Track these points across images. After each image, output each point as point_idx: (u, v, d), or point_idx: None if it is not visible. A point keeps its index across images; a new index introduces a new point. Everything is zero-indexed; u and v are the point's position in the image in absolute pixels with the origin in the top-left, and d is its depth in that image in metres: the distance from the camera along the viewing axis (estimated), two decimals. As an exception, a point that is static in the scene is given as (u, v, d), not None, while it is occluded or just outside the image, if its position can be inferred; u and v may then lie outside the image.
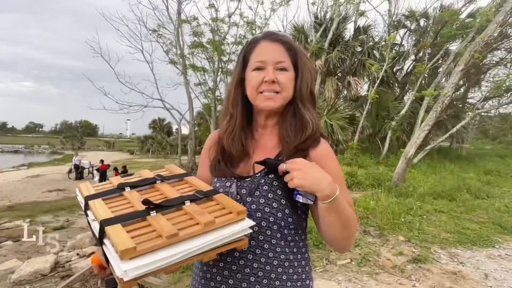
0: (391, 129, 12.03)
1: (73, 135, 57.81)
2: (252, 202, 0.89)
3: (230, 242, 0.76)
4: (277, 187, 0.89)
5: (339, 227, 0.84)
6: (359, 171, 8.26)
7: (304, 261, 0.95)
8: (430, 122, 7.52)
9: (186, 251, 0.68)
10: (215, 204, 0.82)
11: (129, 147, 47.08)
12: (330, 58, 13.32)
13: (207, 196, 0.84)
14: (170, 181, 0.94)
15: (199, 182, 0.93)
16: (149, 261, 0.64)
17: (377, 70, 11.48)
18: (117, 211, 0.78)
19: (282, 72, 0.93)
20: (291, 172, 0.77)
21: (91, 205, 0.81)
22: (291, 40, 0.98)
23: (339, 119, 11.88)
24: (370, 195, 6.17)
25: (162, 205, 0.77)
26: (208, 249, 0.72)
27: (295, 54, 0.96)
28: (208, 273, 0.94)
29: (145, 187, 0.91)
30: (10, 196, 11.03)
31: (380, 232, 4.41)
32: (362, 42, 13.92)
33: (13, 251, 5.43)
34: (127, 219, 0.74)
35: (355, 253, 3.70)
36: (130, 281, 0.64)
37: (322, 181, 0.76)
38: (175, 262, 0.68)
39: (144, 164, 23.86)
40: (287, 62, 0.94)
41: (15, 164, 25.97)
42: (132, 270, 0.63)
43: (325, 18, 14.03)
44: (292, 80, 0.95)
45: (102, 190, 0.89)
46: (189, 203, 0.80)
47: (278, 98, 0.94)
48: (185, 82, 15.22)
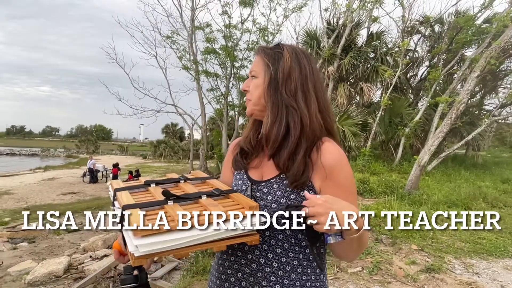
0: (404, 136, 11.87)
1: (88, 139, 58.79)
2: (265, 207, 0.90)
3: (241, 235, 0.79)
4: (291, 192, 0.90)
5: (355, 250, 0.89)
6: (371, 178, 8.17)
7: (319, 269, 0.94)
8: (445, 129, 7.40)
9: (195, 237, 0.73)
10: (230, 201, 0.87)
11: (142, 152, 47.66)
12: (343, 64, 13.28)
13: (224, 194, 0.89)
14: (193, 181, 1.01)
15: (220, 184, 0.99)
16: (160, 240, 0.70)
17: (390, 76, 11.38)
18: (139, 200, 0.86)
19: (252, 80, 0.99)
20: (317, 217, 0.74)
21: (118, 195, 0.90)
22: (264, 49, 0.99)
23: (351, 125, 11.80)
24: (383, 202, 6.09)
25: (180, 197, 0.84)
26: (218, 239, 0.76)
27: (262, 60, 0.97)
28: (223, 274, 0.97)
29: (169, 184, 0.99)
30: (27, 198, 11.28)
31: (393, 240, 4.35)
32: (375, 48, 13.83)
33: (28, 252, 5.55)
34: (146, 206, 0.81)
35: (366, 261, 3.66)
36: (141, 257, 0.70)
37: (351, 218, 0.75)
38: (184, 246, 0.72)
39: (156, 168, 24.11)
40: (257, 69, 0.97)
41: (32, 167, 26.55)
42: (142, 246, 0.68)
43: (338, 24, 14.01)
44: (260, 85, 0.96)
45: (130, 185, 1.00)
46: (205, 198, 0.86)
47: (250, 105, 0.99)
48: (197, 87, 15.38)
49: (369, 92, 13.23)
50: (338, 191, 0.89)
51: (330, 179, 0.89)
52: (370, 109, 14.12)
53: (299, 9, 15.42)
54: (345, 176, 0.91)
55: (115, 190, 0.94)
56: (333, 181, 0.89)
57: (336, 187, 0.89)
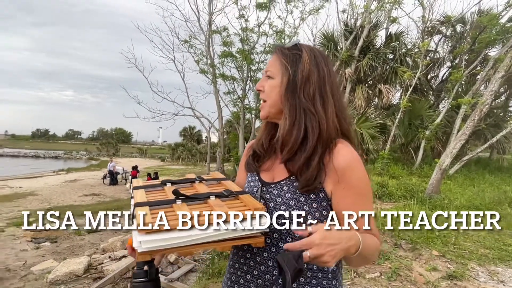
0: (424, 139, 11.58)
1: (109, 142, 60.26)
2: (274, 209, 0.89)
3: (245, 236, 0.80)
4: (300, 195, 0.88)
5: (361, 263, 0.90)
6: (390, 181, 8.00)
7: (331, 274, 0.91)
8: (467, 131, 7.17)
9: (200, 235, 0.74)
10: (238, 202, 0.87)
11: (160, 154, 48.40)
12: (361, 66, 13.11)
13: (234, 195, 0.90)
14: (208, 182, 1.03)
15: (232, 185, 0.99)
16: (164, 237, 0.72)
17: (409, 77, 11.14)
18: (152, 198, 0.89)
19: (268, 80, 0.96)
20: (320, 258, 0.72)
21: (134, 193, 0.94)
22: (281, 48, 0.97)
23: (369, 127, 11.61)
24: (402, 206, 5.95)
25: (190, 197, 0.86)
26: (221, 239, 0.77)
27: (280, 61, 0.95)
28: (233, 276, 0.97)
29: (184, 184, 1.02)
30: (50, 199, 11.64)
31: (413, 245, 4.24)
32: (394, 49, 13.59)
33: (51, 252, 5.70)
34: (156, 204, 0.84)
35: (384, 267, 3.57)
36: (144, 253, 0.73)
37: (349, 246, 0.75)
38: (187, 245, 0.74)
39: (174, 170, 24.42)
40: (273, 70, 0.95)
41: (55, 169, 27.44)
42: (146, 242, 0.71)
43: (355, 25, 13.86)
44: (276, 87, 0.94)
45: (148, 184, 1.03)
46: (214, 198, 0.87)
47: (265, 107, 0.97)
48: (214, 91, 15.50)
49: (388, 94, 12.99)
50: (350, 193, 0.87)
51: (343, 181, 0.87)
52: (389, 111, 13.86)
53: (316, 11, 15.34)
54: (358, 178, 0.88)
55: (133, 188, 0.99)
56: (345, 183, 0.87)
57: (348, 189, 0.87)
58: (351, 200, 0.87)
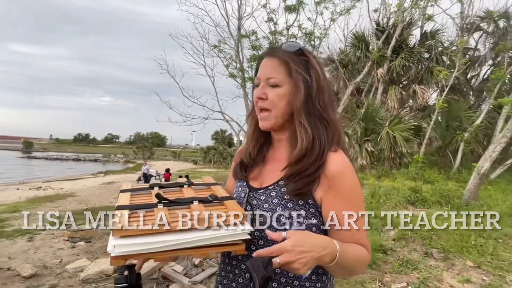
0: (463, 141, 10.96)
1: (144, 145, 62.42)
2: (260, 215, 0.87)
3: (225, 243, 0.77)
4: (288, 201, 0.86)
5: (342, 274, 0.86)
6: (424, 186, 7.63)
7: (319, 283, 0.88)
8: (508, 133, 6.70)
9: (175, 241, 0.72)
10: (222, 208, 0.85)
11: (193, 157, 49.47)
12: (393, 66, 12.68)
13: (219, 201, 0.88)
14: (197, 187, 1.02)
15: (220, 190, 0.98)
16: (138, 242, 0.70)
17: (445, 77, 10.62)
18: (135, 202, 0.88)
19: (272, 88, 0.90)
20: (290, 265, 0.70)
21: (119, 196, 0.94)
22: (288, 53, 0.92)
23: (403, 130, 11.16)
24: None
25: (172, 201, 0.84)
26: (199, 245, 0.74)
27: (288, 67, 0.90)
28: (220, 285, 0.96)
29: (173, 188, 1.00)
30: (87, 201, 12.22)
31: (445, 255, 4.00)
32: (430, 48, 13.03)
33: (84, 251, 5.95)
34: (137, 207, 0.83)
35: (412, 277, 3.40)
36: (117, 257, 0.70)
37: (322, 255, 0.73)
38: (162, 250, 0.72)
39: (205, 173, 24.83)
40: (279, 77, 0.90)
41: (94, 171, 28.86)
42: (119, 246, 0.69)
43: (388, 24, 13.44)
44: (284, 96, 0.90)
45: (136, 187, 1.04)
46: (197, 203, 0.85)
47: (270, 117, 0.91)
48: (244, 94, 15.60)
49: (423, 94, 12.45)
50: (340, 202, 0.84)
51: (333, 188, 0.84)
52: (425, 112, 13.27)
53: (347, 11, 15.06)
54: (348, 186, 0.85)
55: (121, 191, 0.98)
56: (336, 191, 0.84)
57: (338, 197, 0.84)
58: (341, 207, 0.84)
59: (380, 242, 4.03)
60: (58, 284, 4.22)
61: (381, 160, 11.17)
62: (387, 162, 10.82)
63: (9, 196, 13.77)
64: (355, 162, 10.53)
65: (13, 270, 4.49)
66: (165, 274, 4.38)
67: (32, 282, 4.20)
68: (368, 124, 10.88)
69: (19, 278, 4.27)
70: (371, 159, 10.70)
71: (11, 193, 14.93)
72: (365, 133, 10.80)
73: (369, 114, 10.84)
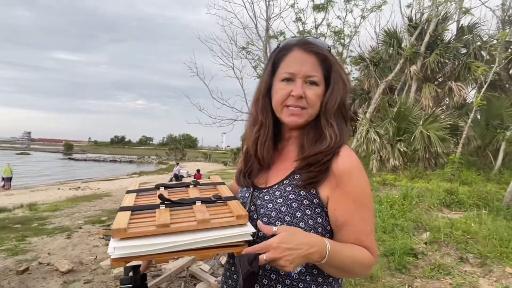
0: (505, 140, 10.31)
1: (176, 147, 64.11)
2: (265, 215, 0.86)
3: (227, 245, 0.76)
4: (293, 200, 0.84)
5: (339, 274, 0.84)
6: (461, 188, 7.25)
7: (326, 285, 0.86)
8: (556, 131, 6.22)
9: (175, 243, 0.71)
10: (225, 208, 0.84)
11: (223, 159, 50.16)
12: (427, 63, 12.17)
13: (222, 201, 0.87)
14: (202, 187, 1.00)
15: (225, 190, 0.97)
16: (137, 244, 0.69)
17: (484, 72, 10.05)
18: (140, 203, 0.88)
19: (311, 86, 0.88)
20: (276, 261, 0.70)
21: (125, 197, 0.93)
22: (327, 51, 0.90)
23: (438, 129, 10.67)
24: (473, 216, 5.35)
25: (175, 202, 0.84)
26: (201, 247, 0.73)
27: (329, 67, 0.89)
28: (224, 285, 0.96)
29: (178, 189, 0.99)
30: (121, 201, 12.72)
31: (482, 260, 3.77)
32: (467, 43, 12.38)
33: (118, 249, 6.20)
34: (140, 209, 0.82)
35: (444, 282, 3.23)
36: (118, 260, 0.70)
37: (310, 253, 0.72)
38: (163, 252, 0.71)
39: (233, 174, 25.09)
40: (319, 76, 0.88)
41: (129, 172, 29.99)
42: (120, 248, 0.69)
43: (421, 20, 12.93)
44: (321, 95, 0.88)
45: (142, 187, 1.03)
46: (199, 203, 0.84)
47: (304, 115, 0.89)
48: (272, 95, 15.63)
49: (459, 91, 11.84)
50: (347, 200, 0.82)
51: (340, 187, 0.82)
52: (462, 110, 12.61)
53: (378, 8, 14.69)
54: (356, 185, 0.83)
55: (127, 191, 0.98)
56: (343, 190, 0.82)
57: (345, 197, 0.82)
58: (348, 208, 0.82)
59: (411, 245, 3.87)
60: (93, 280, 4.41)
61: (415, 160, 10.75)
62: (421, 162, 10.40)
63: (50, 196, 14.63)
64: (387, 163, 10.21)
65: (52, 265, 4.75)
66: (192, 273, 4.46)
67: (69, 277, 4.42)
68: (401, 124, 10.51)
69: (57, 273, 4.51)
70: (404, 159, 10.32)
71: (53, 193, 15.85)
72: (398, 132, 10.44)
73: (402, 113, 10.47)
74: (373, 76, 13.67)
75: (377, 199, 6.03)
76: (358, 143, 10.86)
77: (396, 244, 3.90)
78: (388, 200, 5.91)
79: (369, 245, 0.82)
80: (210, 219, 0.75)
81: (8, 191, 17.58)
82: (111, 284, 4.25)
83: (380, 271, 3.35)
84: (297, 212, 0.83)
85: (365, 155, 11.42)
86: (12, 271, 4.52)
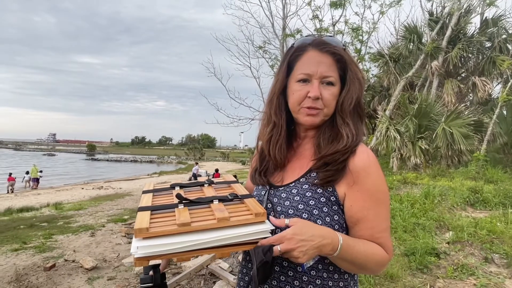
0: (533, 137, 9.91)
1: (195, 147, 64.85)
2: (282, 212, 0.87)
3: (246, 242, 0.77)
4: (310, 198, 0.85)
5: (352, 269, 0.84)
6: (486, 186, 7.01)
7: (342, 282, 0.86)
8: None
9: (196, 241, 0.73)
10: (242, 206, 0.85)
11: (241, 158, 50.31)
12: (450, 58, 11.82)
13: (239, 199, 0.88)
14: (217, 185, 1.01)
15: (240, 188, 0.97)
16: (160, 243, 0.71)
17: (509, 66, 9.68)
18: (157, 203, 0.89)
19: (327, 87, 0.88)
20: (290, 252, 0.72)
21: (142, 197, 0.95)
22: (342, 50, 0.91)
23: (461, 126, 10.35)
24: (498, 215, 5.17)
25: (193, 201, 0.85)
26: (220, 245, 0.75)
27: (344, 66, 0.89)
28: (241, 281, 0.97)
29: (194, 188, 1.00)
30: (142, 200, 12.99)
31: (508, 261, 3.64)
32: (491, 36, 11.94)
33: (139, 247, 6.34)
34: (158, 208, 0.84)
35: (468, 283, 3.14)
36: (141, 259, 0.71)
37: (322, 245, 0.73)
38: (185, 250, 0.73)
39: (253, 173, 25.16)
40: (335, 76, 0.88)
41: (149, 172, 30.57)
42: (143, 247, 0.70)
43: (442, 14, 12.56)
44: (337, 95, 0.89)
45: (158, 187, 1.04)
46: (217, 202, 0.85)
47: (320, 115, 0.89)
48: (289, 94, 15.56)
49: (484, 87, 11.44)
50: (364, 197, 0.82)
51: (357, 183, 0.83)
52: (487, 106, 12.18)
53: (398, 3, 14.36)
54: (373, 182, 0.83)
55: (143, 192, 1.00)
56: (360, 186, 0.82)
57: (362, 193, 0.82)
58: (364, 204, 0.82)
59: (432, 245, 3.78)
60: (116, 277, 4.53)
61: (437, 158, 10.47)
62: (443, 160, 10.12)
63: (75, 195, 15.10)
64: (408, 161, 9.99)
65: (77, 262, 4.91)
66: (212, 271, 4.51)
67: (93, 274, 4.56)
68: (422, 121, 10.25)
69: (82, 270, 4.66)
70: (425, 157, 10.08)
71: (77, 192, 16.36)
72: (419, 130, 10.19)
73: (423, 109, 10.21)
74: (392, 72, 13.39)
75: (397, 198, 5.91)
76: (378, 141, 10.67)
77: (417, 244, 3.82)
78: (409, 199, 5.79)
79: (384, 242, 0.82)
80: (230, 217, 0.76)
81: (35, 191, 18.31)
82: (133, 281, 4.35)
83: (400, 270, 3.30)
84: (314, 210, 0.83)
85: (385, 153, 11.22)
86: (40, 268, 4.71)
